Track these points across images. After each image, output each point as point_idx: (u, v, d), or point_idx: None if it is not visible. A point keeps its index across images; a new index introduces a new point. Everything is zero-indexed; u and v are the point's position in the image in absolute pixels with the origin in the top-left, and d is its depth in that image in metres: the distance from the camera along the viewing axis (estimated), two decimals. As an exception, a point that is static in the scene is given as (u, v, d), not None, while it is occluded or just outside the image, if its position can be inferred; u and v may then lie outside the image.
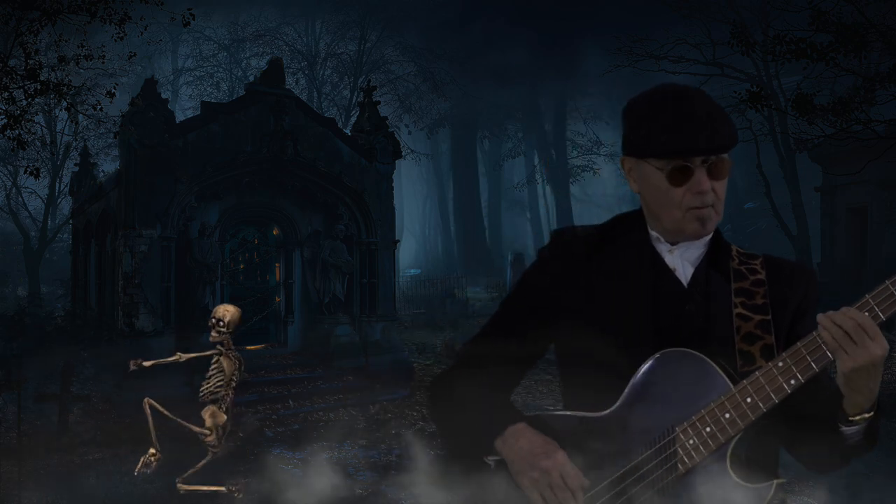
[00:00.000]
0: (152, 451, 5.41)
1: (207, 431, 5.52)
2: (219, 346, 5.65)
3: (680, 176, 1.45)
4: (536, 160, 35.87)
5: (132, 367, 5.55)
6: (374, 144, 12.24)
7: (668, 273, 1.53)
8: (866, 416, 1.35)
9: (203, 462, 5.66)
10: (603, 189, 39.39)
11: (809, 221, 17.82)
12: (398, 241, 13.31)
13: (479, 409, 1.54)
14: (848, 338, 1.29)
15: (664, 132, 1.44)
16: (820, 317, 1.32)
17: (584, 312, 1.52)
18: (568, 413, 1.50)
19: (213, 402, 5.61)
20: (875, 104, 9.67)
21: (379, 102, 13.15)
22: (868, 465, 5.19)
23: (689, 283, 1.52)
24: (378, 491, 6.35)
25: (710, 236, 1.56)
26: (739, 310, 1.48)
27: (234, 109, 11.18)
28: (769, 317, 1.46)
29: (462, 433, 1.56)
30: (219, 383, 5.57)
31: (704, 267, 1.54)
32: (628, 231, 1.59)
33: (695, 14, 16.88)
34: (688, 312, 1.49)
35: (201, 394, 5.64)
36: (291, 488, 5.64)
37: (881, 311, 1.31)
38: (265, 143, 11.00)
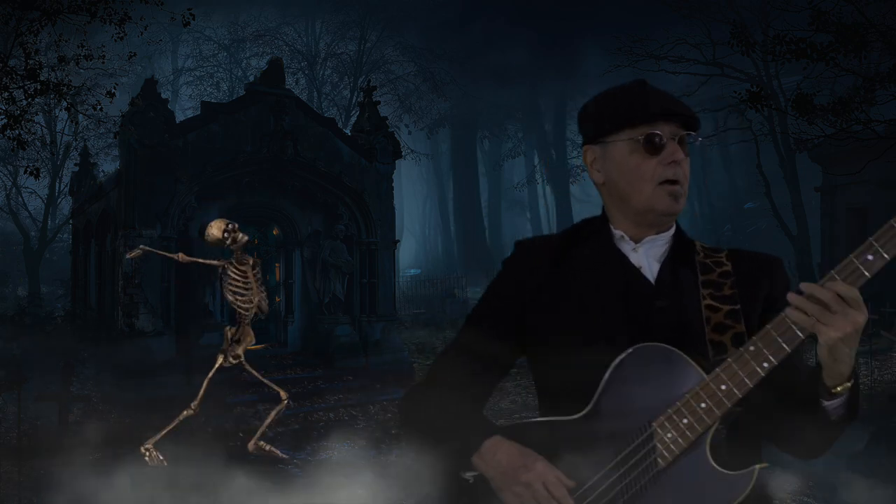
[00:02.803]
0: (148, 445, 5.42)
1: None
2: (225, 261, 5.68)
3: (652, 147, 1.47)
4: (536, 160, 35.87)
5: (130, 255, 5.87)
6: (374, 144, 12.24)
7: (635, 271, 1.53)
8: (848, 384, 1.35)
9: (274, 413, 5.79)
10: (603, 189, 39.32)
11: (809, 221, 17.81)
12: (398, 241, 13.31)
13: (453, 425, 1.51)
14: (826, 310, 1.28)
15: (637, 101, 1.50)
16: (791, 295, 1.31)
17: (554, 318, 1.51)
18: (543, 419, 1.49)
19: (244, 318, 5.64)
20: (875, 104, 9.66)
21: (379, 102, 13.16)
22: (869, 465, 5.19)
23: (657, 280, 1.52)
24: (378, 491, 6.35)
25: (672, 231, 1.57)
26: (708, 301, 1.48)
27: (234, 109, 11.18)
28: (738, 306, 1.47)
29: (436, 449, 1.52)
30: (245, 294, 5.58)
31: (670, 263, 1.54)
32: (591, 234, 1.59)
33: (695, 14, 16.87)
34: (657, 309, 1.49)
35: (248, 313, 5.63)
36: (291, 488, 5.64)
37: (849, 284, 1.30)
38: (265, 143, 11.00)
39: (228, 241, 5.49)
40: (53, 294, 21.31)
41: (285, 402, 5.95)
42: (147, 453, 5.42)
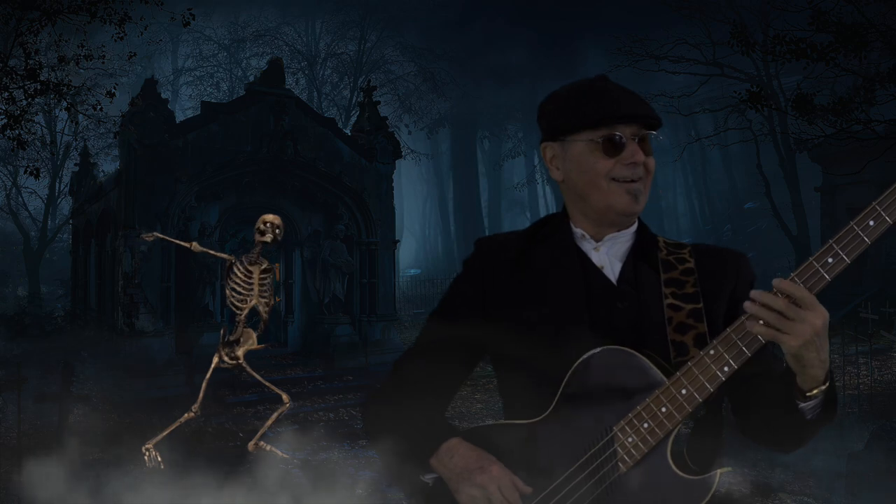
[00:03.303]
0: (149, 445, 5.42)
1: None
2: (234, 259, 5.70)
3: (612, 147, 1.45)
4: (536, 160, 35.87)
5: (146, 237, 6.11)
6: (374, 144, 12.24)
7: (596, 271, 1.51)
8: (822, 387, 1.32)
9: (276, 415, 5.79)
10: (603, 189, 39.35)
11: (809, 221, 17.80)
12: (398, 241, 13.31)
13: (412, 426, 1.51)
14: (782, 318, 1.26)
15: (597, 102, 1.47)
16: (747, 304, 1.28)
17: (515, 318, 1.49)
18: (503, 423, 1.47)
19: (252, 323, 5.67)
20: (875, 104, 9.66)
21: (379, 102, 13.16)
22: (869, 465, 5.19)
23: (618, 280, 1.50)
24: (378, 491, 6.35)
25: (634, 228, 1.54)
26: (670, 300, 1.45)
27: (234, 109, 11.18)
28: (700, 305, 1.44)
29: (398, 454, 1.51)
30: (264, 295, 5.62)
31: (632, 261, 1.51)
32: (552, 233, 1.56)
33: (695, 14, 16.87)
34: (619, 309, 1.47)
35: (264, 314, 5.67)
36: (291, 488, 5.64)
37: (810, 287, 1.27)
38: (265, 143, 11.00)
39: (269, 236, 5.49)
40: (53, 294, 21.31)
41: (287, 404, 5.95)
42: (146, 454, 5.42)
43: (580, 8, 25.51)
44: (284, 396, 5.91)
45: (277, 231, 5.44)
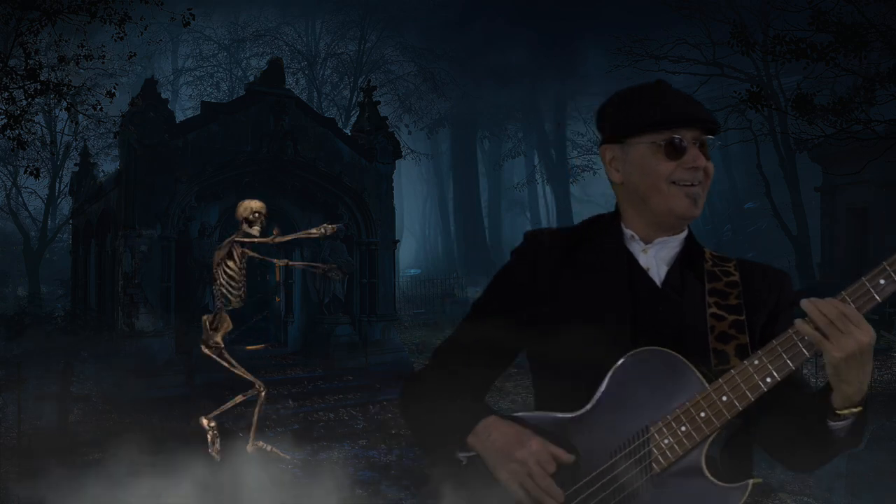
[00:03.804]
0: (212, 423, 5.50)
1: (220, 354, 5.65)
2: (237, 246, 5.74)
3: (674, 151, 1.46)
4: (536, 160, 35.88)
5: (279, 264, 6.28)
6: (374, 144, 12.23)
7: (642, 273, 1.52)
8: (854, 410, 1.34)
9: (257, 409, 5.81)
10: (603, 189, 39.31)
11: (809, 221, 17.81)
12: (398, 241, 13.30)
13: (450, 407, 1.52)
14: (833, 326, 1.28)
15: (660, 105, 1.48)
16: (804, 302, 1.31)
17: (557, 313, 1.50)
18: (541, 414, 1.47)
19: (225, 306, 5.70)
20: (875, 104, 9.67)
21: (379, 102, 13.15)
22: (869, 464, 5.19)
23: (663, 283, 1.51)
24: (378, 491, 6.35)
25: (684, 235, 1.56)
26: (713, 310, 1.47)
27: (234, 109, 11.17)
28: (743, 317, 1.46)
29: (434, 432, 1.53)
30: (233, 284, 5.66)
31: (678, 267, 1.53)
32: (602, 232, 1.58)
33: (695, 14, 16.88)
34: (662, 312, 1.48)
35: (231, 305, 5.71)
36: (292, 488, 5.64)
37: (856, 308, 1.30)
38: (265, 143, 10.99)
39: (253, 223, 5.54)
40: (53, 294, 21.31)
41: (262, 393, 5.95)
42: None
43: (580, 8, 25.52)
44: (257, 384, 5.91)
45: (264, 220, 5.56)
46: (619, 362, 1.40)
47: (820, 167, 16.84)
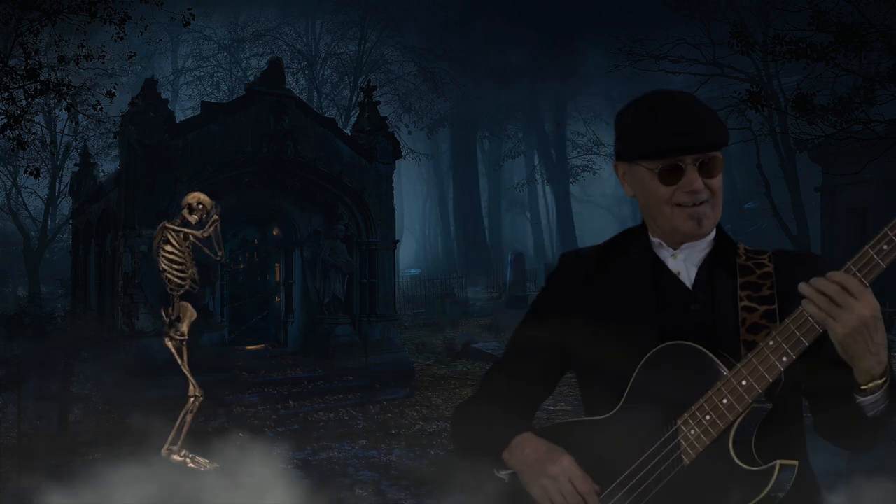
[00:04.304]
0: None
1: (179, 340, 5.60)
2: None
3: (671, 175, 1.47)
4: (536, 160, 35.86)
5: (204, 233, 6.14)
6: (374, 144, 12.23)
7: (672, 277, 1.55)
8: (879, 382, 1.33)
9: (183, 414, 5.70)
10: (603, 189, 39.39)
11: (809, 221, 17.79)
12: (398, 241, 13.31)
13: (488, 425, 1.59)
14: (833, 303, 1.28)
15: (652, 133, 1.47)
16: (802, 286, 1.32)
17: (592, 324, 1.55)
18: (574, 420, 1.53)
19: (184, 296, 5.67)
20: (875, 104, 9.67)
21: (379, 102, 13.15)
22: (869, 464, 5.19)
23: (694, 284, 1.54)
24: (378, 491, 6.35)
25: (713, 236, 1.57)
26: (745, 302, 1.48)
27: (234, 109, 11.17)
28: (775, 306, 1.47)
29: (476, 454, 1.60)
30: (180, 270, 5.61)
31: (708, 267, 1.55)
32: (632, 243, 1.61)
33: (695, 14, 16.86)
34: (693, 313, 1.51)
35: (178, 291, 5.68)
36: (292, 488, 5.64)
37: (862, 276, 1.30)
38: (265, 143, 10.99)
39: (193, 211, 5.51)
40: (53, 294, 21.30)
41: (196, 401, 5.87)
42: (181, 457, 5.42)
43: (580, 8, 25.50)
44: (193, 389, 5.82)
45: (205, 215, 5.52)
46: (643, 361, 1.44)
47: (820, 167, 16.83)
